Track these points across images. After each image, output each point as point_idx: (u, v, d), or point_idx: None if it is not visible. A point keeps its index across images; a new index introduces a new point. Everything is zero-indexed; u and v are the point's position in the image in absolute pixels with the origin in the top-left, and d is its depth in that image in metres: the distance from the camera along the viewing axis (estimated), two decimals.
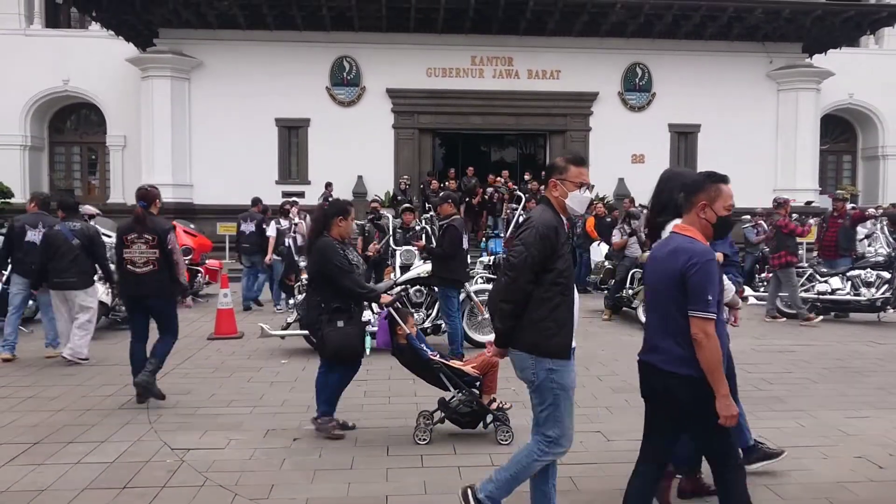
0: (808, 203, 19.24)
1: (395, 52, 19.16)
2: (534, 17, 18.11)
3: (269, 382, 6.75)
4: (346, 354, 5.03)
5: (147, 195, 6.05)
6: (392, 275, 9.79)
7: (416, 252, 10.07)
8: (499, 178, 17.92)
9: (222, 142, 18.77)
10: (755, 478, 4.33)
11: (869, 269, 10.46)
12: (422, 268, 8.35)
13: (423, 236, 10.28)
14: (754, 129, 19.96)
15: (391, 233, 10.42)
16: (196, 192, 18.92)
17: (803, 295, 10.73)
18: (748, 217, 14.71)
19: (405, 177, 18.48)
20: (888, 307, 10.23)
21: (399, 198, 17.53)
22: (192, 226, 13.66)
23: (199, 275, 12.42)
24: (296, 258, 10.52)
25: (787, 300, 10.85)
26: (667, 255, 3.08)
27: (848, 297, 10.40)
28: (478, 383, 5.07)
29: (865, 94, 22.64)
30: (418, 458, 4.66)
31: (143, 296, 5.94)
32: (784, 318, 10.49)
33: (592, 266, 12.72)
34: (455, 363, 5.24)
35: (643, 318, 9.81)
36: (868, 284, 10.42)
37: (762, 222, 13.89)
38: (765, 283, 11.85)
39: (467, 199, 17.83)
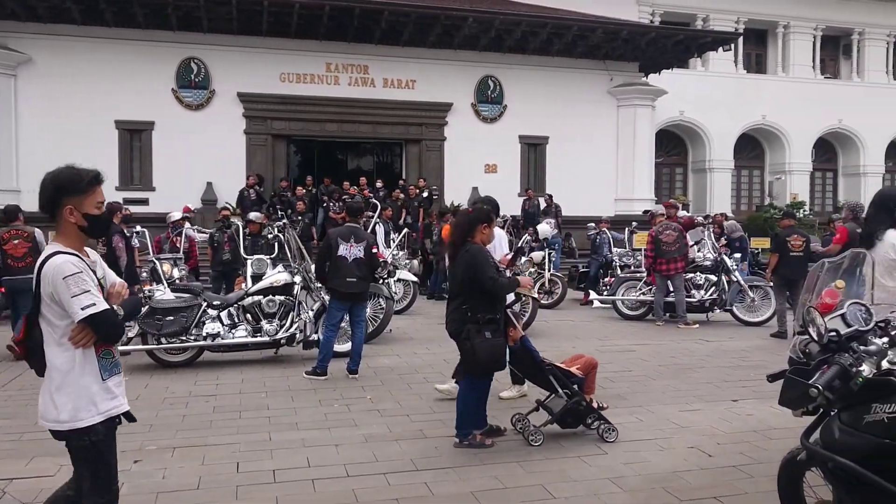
0: (646, 212, 20.58)
1: (246, 56, 18.57)
2: (388, 26, 18.22)
3: None
4: (495, 367, 4.95)
5: (110, 207, 8.51)
6: (243, 285, 9.46)
7: (269, 261, 9.81)
8: (353, 187, 17.84)
9: (55, 145, 17.28)
10: (597, 470, 4.57)
11: (699, 273, 11.35)
12: (274, 277, 8.13)
13: (276, 245, 10.03)
14: (597, 142, 21.11)
15: (241, 241, 10.05)
16: (25, 199, 17.30)
17: (641, 298, 11.47)
18: (592, 225, 15.56)
19: (254, 175, 17.92)
20: (715, 307, 11.14)
21: (252, 198, 17.04)
22: None
23: None
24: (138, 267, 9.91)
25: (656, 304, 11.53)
26: None
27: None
28: (577, 385, 5.25)
29: (694, 111, 24.60)
30: (270, 473, 4.51)
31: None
32: (662, 324, 10.83)
33: (448, 273, 12.91)
34: (562, 365, 5.34)
35: None
36: (698, 287, 11.30)
37: (606, 228, 14.72)
38: (607, 288, 12.54)
39: (324, 206, 17.67)
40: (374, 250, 7.34)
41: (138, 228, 10.93)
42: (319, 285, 8.23)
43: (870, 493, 2.37)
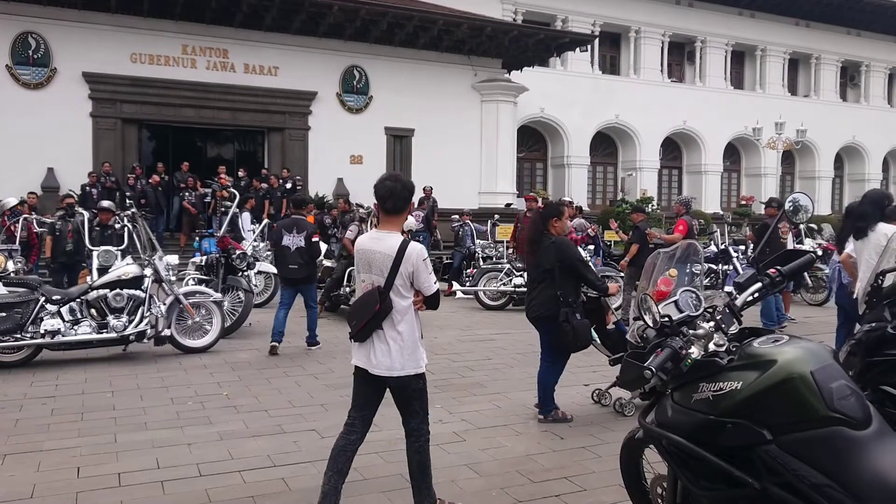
0: (508, 205, 21.19)
1: (93, 33, 17.30)
2: (250, 9, 17.58)
3: None
4: (585, 345, 5.51)
5: None
6: (88, 278, 8.85)
7: (117, 253, 9.23)
8: (224, 177, 17.12)
9: None
10: (455, 458, 4.66)
11: None
12: (123, 269, 7.67)
13: (126, 235, 9.46)
14: (462, 136, 21.45)
15: (87, 232, 9.39)
16: None
17: (502, 289, 11.80)
18: (457, 217, 15.83)
19: (106, 163, 16.83)
20: None
21: (109, 186, 16.09)
22: None
23: None
24: None
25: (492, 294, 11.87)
26: None
27: None
28: None
29: (554, 109, 25.55)
30: (114, 476, 4.26)
31: None
32: None
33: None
34: None
35: None
36: None
37: (468, 221, 15.02)
38: (470, 278, 12.81)
39: (180, 195, 16.89)
40: (315, 239, 8.14)
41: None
42: (173, 279, 7.89)
43: (698, 465, 2.55)
